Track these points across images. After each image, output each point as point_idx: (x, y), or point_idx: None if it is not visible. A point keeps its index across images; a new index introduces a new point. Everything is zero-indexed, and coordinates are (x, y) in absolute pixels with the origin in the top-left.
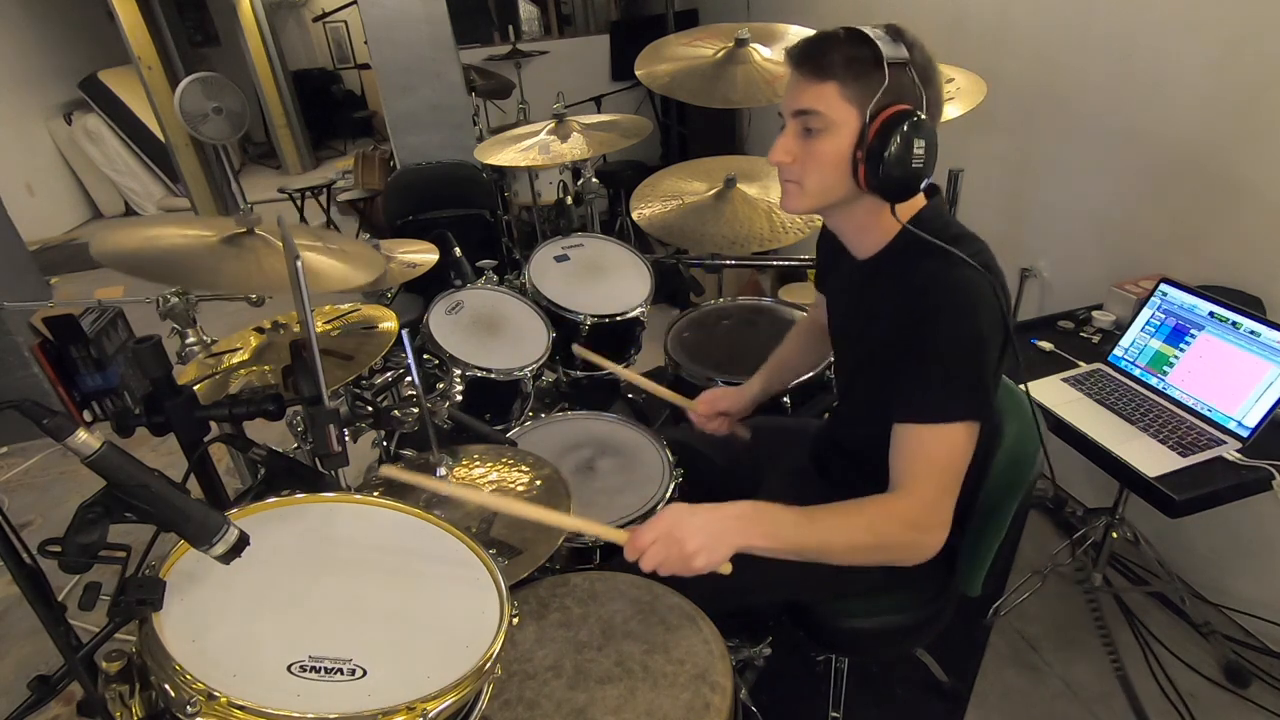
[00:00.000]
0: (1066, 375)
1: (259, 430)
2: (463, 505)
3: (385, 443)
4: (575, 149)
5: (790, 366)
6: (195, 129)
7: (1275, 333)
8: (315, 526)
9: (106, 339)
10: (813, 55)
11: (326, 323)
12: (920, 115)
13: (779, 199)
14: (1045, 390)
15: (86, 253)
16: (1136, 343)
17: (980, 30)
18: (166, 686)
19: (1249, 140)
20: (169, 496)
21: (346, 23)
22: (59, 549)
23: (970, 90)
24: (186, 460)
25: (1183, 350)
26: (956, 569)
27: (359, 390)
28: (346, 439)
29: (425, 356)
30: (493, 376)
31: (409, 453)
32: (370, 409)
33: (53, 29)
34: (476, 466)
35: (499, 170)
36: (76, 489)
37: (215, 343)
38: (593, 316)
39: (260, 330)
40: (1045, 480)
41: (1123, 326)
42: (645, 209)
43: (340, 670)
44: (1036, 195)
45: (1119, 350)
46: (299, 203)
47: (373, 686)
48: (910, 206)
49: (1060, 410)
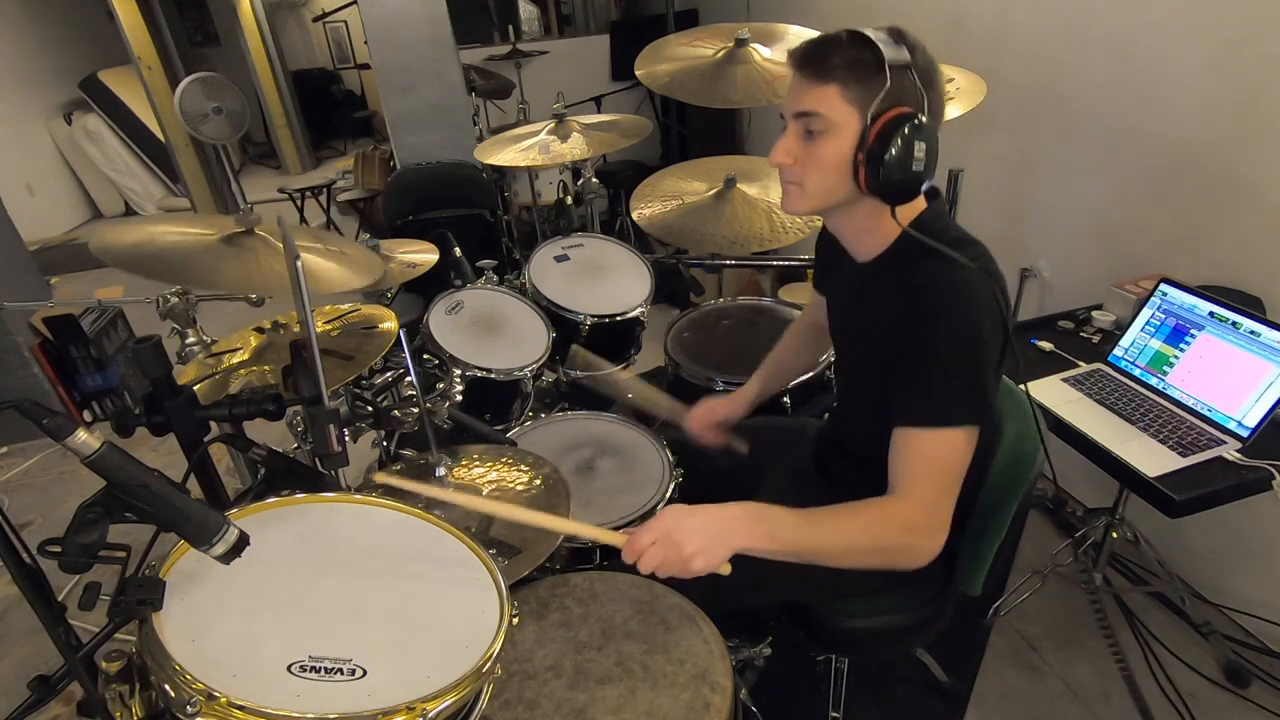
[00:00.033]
0: (1066, 375)
1: (259, 430)
2: (465, 507)
3: (385, 443)
4: (575, 149)
5: (787, 368)
6: (195, 129)
7: (1275, 333)
8: (315, 526)
9: (106, 339)
10: (815, 57)
11: (326, 323)
12: (921, 118)
13: (779, 199)
14: (1045, 390)
15: (86, 253)
16: (1136, 343)
17: (980, 30)
18: (166, 686)
19: (1249, 140)
20: (169, 496)
21: (346, 23)
22: (59, 549)
23: (970, 90)
24: (186, 460)
25: (1183, 350)
26: (956, 569)
27: (359, 390)
28: (346, 439)
29: (425, 356)
30: (493, 376)
31: (409, 453)
32: (370, 409)
33: (53, 29)
34: (476, 466)
35: (499, 170)
36: (76, 489)
37: (215, 343)
38: (593, 316)
39: (260, 330)
40: (1045, 480)
41: (1123, 326)
42: (645, 209)
43: (340, 670)
44: (1036, 195)
45: (1119, 350)
46: (299, 203)
47: (373, 686)
48: (911, 209)
49: (1060, 410)
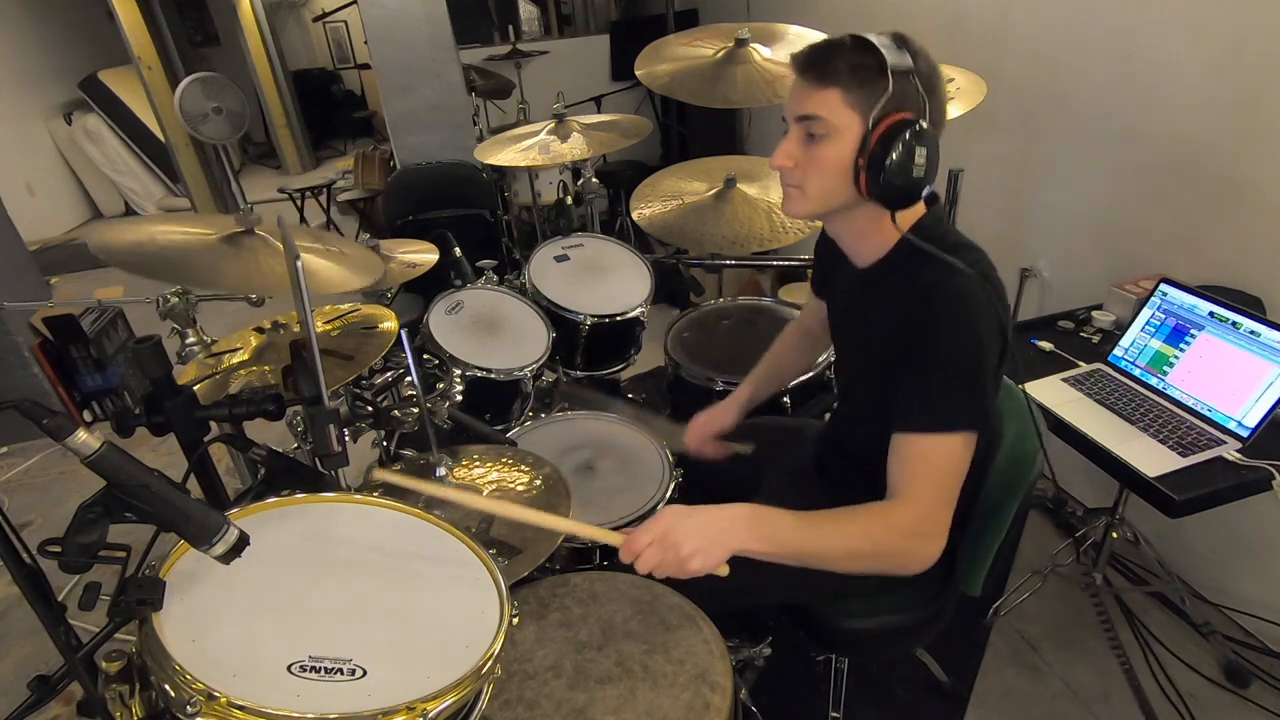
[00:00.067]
0: (1066, 375)
1: (259, 430)
2: (462, 505)
3: (385, 443)
4: (575, 149)
5: (779, 373)
6: (195, 129)
7: (1275, 333)
8: (315, 526)
9: (106, 339)
10: (817, 61)
11: (326, 323)
12: (923, 124)
13: (780, 200)
14: (1045, 390)
15: (86, 253)
16: (1136, 343)
17: (980, 30)
18: (166, 686)
19: (1249, 140)
20: (169, 496)
21: (346, 23)
22: (59, 549)
23: (970, 90)
24: (186, 460)
25: (1183, 350)
26: (957, 569)
27: (359, 390)
28: (346, 439)
29: (425, 356)
30: (493, 376)
31: (409, 453)
32: (370, 409)
33: (53, 29)
34: (476, 467)
35: (499, 170)
36: (76, 489)
37: (215, 343)
38: (593, 316)
39: (260, 330)
40: (1045, 480)
41: (1123, 326)
42: (645, 209)
43: (340, 670)
44: (1036, 195)
45: (1119, 350)
46: (299, 203)
47: (373, 686)
48: (910, 214)
49: (1060, 410)
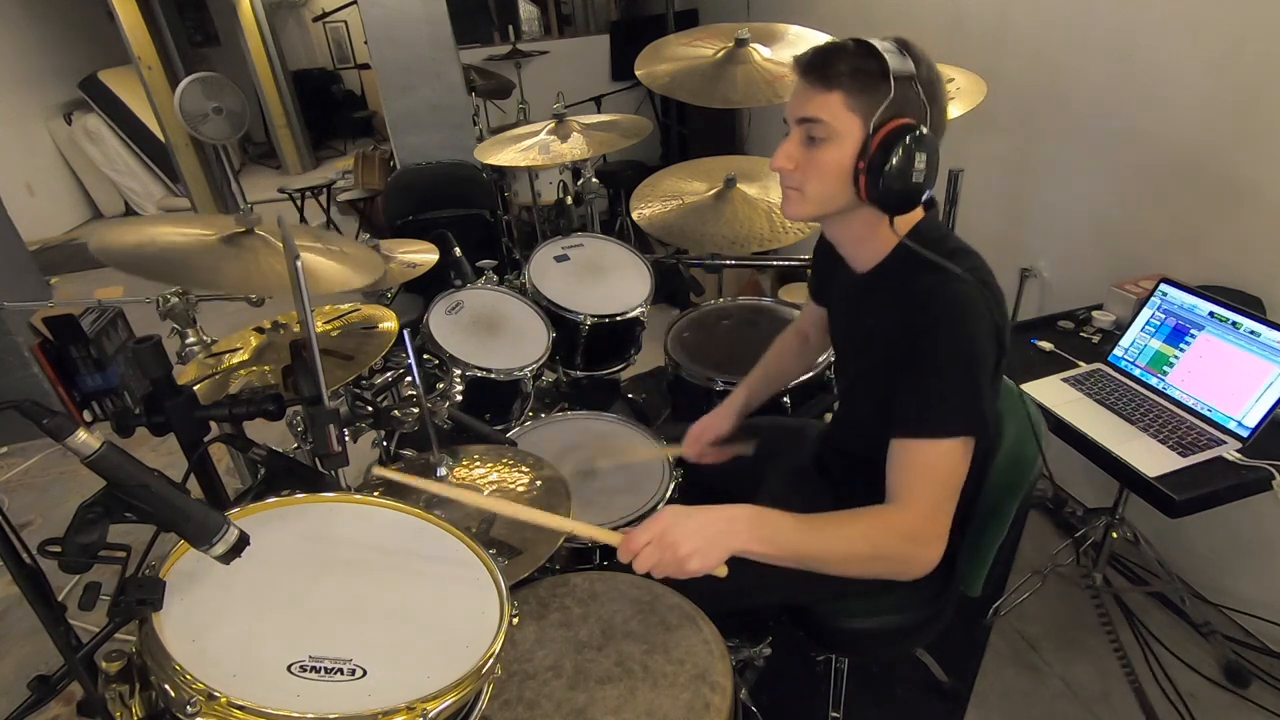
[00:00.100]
0: (1066, 375)
1: (259, 430)
2: (462, 505)
3: (385, 443)
4: (575, 149)
5: (776, 376)
6: (195, 129)
7: (1275, 333)
8: (315, 526)
9: (106, 339)
10: (820, 64)
11: (326, 323)
12: (923, 130)
13: (779, 200)
14: (1045, 390)
15: (86, 253)
16: (1136, 343)
17: (980, 30)
18: (166, 686)
19: (1249, 140)
20: (169, 496)
21: (346, 23)
22: (59, 549)
23: (970, 90)
24: (186, 460)
25: (1183, 350)
26: (956, 569)
27: (359, 390)
28: (346, 439)
29: (425, 356)
30: (493, 376)
31: (409, 453)
32: (370, 409)
33: (53, 29)
34: (477, 467)
35: (499, 170)
36: (76, 489)
37: (215, 343)
38: (593, 316)
39: (260, 330)
40: (1045, 480)
41: (1123, 326)
42: (645, 209)
43: (340, 670)
44: (1036, 195)
45: (1119, 350)
46: (299, 203)
47: (373, 686)
48: (908, 219)
49: (1060, 410)
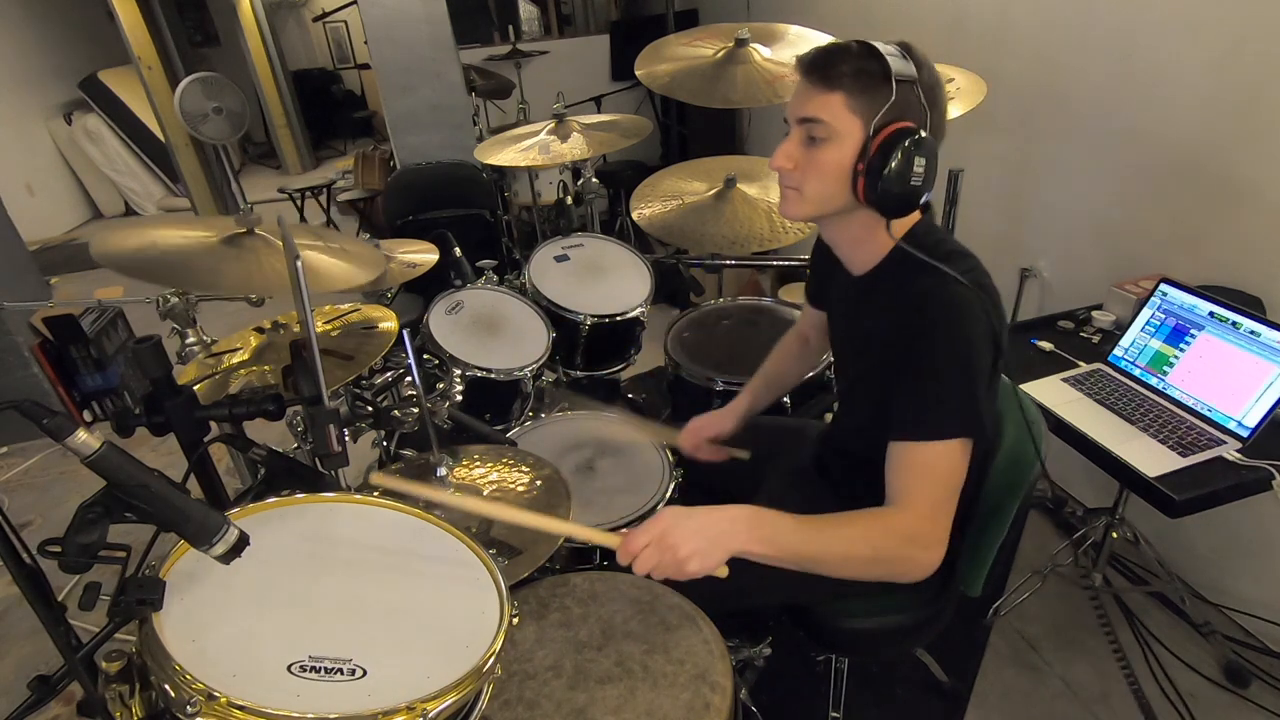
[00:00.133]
0: (1066, 375)
1: (259, 430)
2: (459, 509)
3: (385, 443)
4: (575, 149)
5: (778, 380)
6: (195, 129)
7: (1275, 333)
8: (315, 526)
9: (106, 339)
10: (822, 65)
11: (326, 323)
12: (923, 133)
13: (779, 200)
14: (1045, 390)
15: (86, 253)
16: (1136, 343)
17: (980, 30)
18: (166, 686)
19: (1249, 140)
20: (169, 496)
21: (346, 23)
22: (59, 549)
23: (970, 90)
24: (186, 460)
25: (1183, 350)
26: (957, 569)
27: (359, 390)
28: (346, 439)
29: (425, 356)
30: (493, 376)
31: (409, 453)
32: (370, 409)
33: (53, 29)
34: (477, 467)
35: (499, 170)
36: (76, 489)
37: (215, 343)
38: (593, 316)
39: (260, 330)
40: (1045, 480)
41: (1123, 326)
42: (645, 209)
43: (340, 670)
44: (1036, 195)
45: (1119, 350)
46: (299, 203)
47: (373, 686)
48: (904, 222)
49: (1060, 410)
